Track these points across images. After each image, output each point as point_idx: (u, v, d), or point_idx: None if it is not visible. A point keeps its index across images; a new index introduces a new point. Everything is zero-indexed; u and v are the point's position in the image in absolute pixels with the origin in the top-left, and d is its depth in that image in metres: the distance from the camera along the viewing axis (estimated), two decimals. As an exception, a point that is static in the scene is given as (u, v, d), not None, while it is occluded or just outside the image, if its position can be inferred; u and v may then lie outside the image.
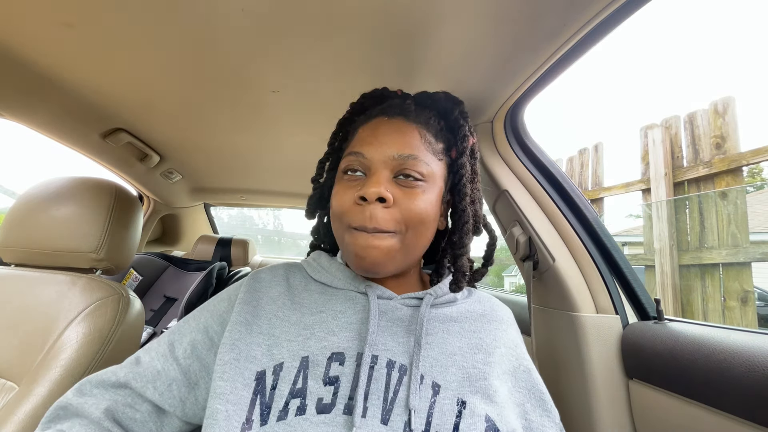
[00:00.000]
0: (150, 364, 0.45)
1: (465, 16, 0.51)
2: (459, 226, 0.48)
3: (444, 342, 0.43)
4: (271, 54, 0.66)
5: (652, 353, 0.59)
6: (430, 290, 0.47)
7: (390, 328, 0.43)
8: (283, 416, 0.36)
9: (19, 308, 0.68)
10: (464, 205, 0.48)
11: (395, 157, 0.43)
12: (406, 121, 0.47)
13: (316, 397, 0.37)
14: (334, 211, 0.45)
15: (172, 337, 0.48)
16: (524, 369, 0.45)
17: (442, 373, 0.41)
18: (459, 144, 0.49)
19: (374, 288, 0.46)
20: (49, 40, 0.65)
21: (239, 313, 0.45)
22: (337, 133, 0.55)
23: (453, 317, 0.47)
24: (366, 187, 0.42)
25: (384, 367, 0.40)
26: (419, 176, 0.44)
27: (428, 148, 0.46)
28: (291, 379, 0.38)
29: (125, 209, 0.80)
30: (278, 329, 0.43)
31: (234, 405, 0.37)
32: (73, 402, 0.44)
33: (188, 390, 0.44)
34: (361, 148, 0.45)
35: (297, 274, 0.51)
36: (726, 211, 2.12)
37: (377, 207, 0.41)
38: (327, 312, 0.44)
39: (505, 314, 0.51)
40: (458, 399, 0.39)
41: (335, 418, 0.36)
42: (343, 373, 0.39)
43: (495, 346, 0.45)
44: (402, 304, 0.46)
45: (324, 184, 0.54)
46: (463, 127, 0.50)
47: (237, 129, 1.02)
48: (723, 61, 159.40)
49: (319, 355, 0.40)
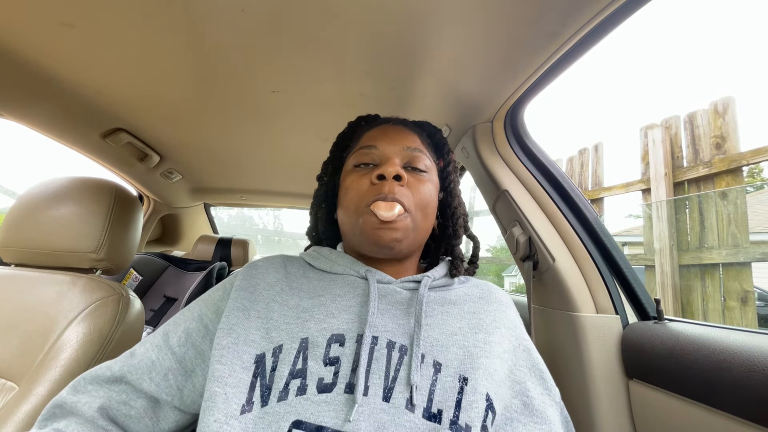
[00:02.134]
0: (144, 355, 0.45)
1: (465, 16, 0.51)
2: (453, 220, 0.54)
3: (444, 323, 0.44)
4: (271, 54, 0.66)
5: (652, 353, 0.59)
6: (428, 273, 0.49)
7: (389, 311, 0.44)
8: (283, 396, 0.37)
9: (19, 308, 0.68)
10: (455, 204, 0.55)
11: (404, 149, 0.49)
12: (407, 128, 0.54)
13: (316, 377, 0.38)
14: (351, 197, 0.48)
15: (167, 328, 0.48)
16: (524, 348, 0.46)
17: (443, 352, 0.41)
18: (446, 156, 0.57)
19: (374, 272, 0.47)
20: (49, 40, 0.65)
21: (236, 299, 0.45)
22: (338, 144, 0.59)
23: (452, 300, 0.48)
24: (384, 167, 0.46)
25: (384, 348, 0.40)
26: (425, 167, 0.50)
27: (428, 149, 0.53)
28: (291, 361, 0.39)
29: (125, 209, 0.80)
30: (276, 313, 0.43)
31: (233, 388, 0.37)
32: (68, 400, 0.43)
33: (185, 378, 0.44)
34: (374, 142, 0.50)
35: (295, 263, 0.52)
36: (726, 211, 2.12)
37: (393, 185, 0.45)
38: (326, 296, 0.45)
39: (503, 296, 0.52)
40: (460, 375, 0.39)
41: (336, 396, 0.37)
42: (343, 354, 0.39)
43: (495, 326, 0.45)
44: (401, 287, 0.47)
45: (327, 183, 0.56)
46: (446, 145, 0.58)
47: (237, 129, 1.02)
48: (723, 61, 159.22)
49: (319, 337, 0.40)
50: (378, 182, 0.46)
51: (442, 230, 0.56)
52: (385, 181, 0.45)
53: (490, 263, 6.52)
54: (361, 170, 0.49)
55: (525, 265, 0.77)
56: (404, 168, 0.48)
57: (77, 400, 0.43)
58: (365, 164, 0.49)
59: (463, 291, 0.50)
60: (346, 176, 0.50)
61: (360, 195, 0.47)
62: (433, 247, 0.58)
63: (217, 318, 0.45)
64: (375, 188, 0.46)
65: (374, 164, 0.49)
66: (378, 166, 0.48)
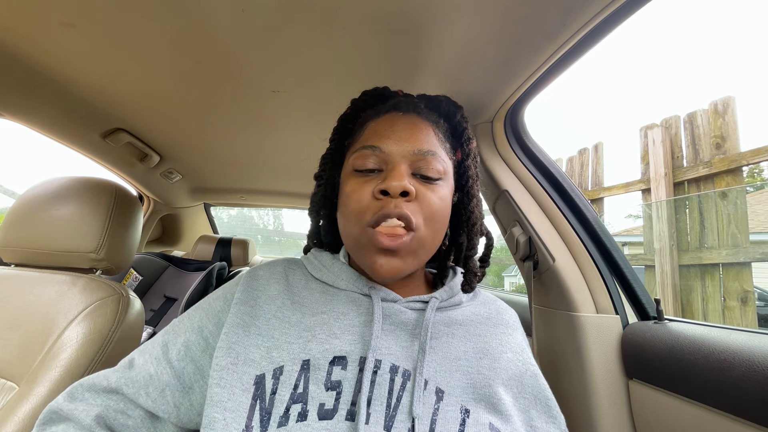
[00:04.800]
0: (143, 367, 0.44)
1: (465, 16, 0.51)
2: (468, 227, 0.48)
3: (448, 346, 0.42)
4: (271, 54, 0.66)
5: (652, 353, 0.59)
6: (436, 294, 0.46)
7: (394, 332, 0.42)
8: (284, 422, 0.35)
9: (19, 308, 0.68)
10: (472, 206, 0.48)
11: (414, 153, 0.42)
12: (420, 117, 0.46)
13: (317, 403, 0.36)
14: (351, 209, 0.42)
15: (166, 338, 0.46)
16: (531, 374, 0.44)
17: (446, 379, 0.40)
18: (464, 146, 0.49)
19: (378, 290, 0.44)
20: (49, 40, 0.65)
21: (236, 314, 0.43)
22: (339, 129, 0.52)
23: (458, 321, 0.45)
24: (389, 180, 0.40)
25: (387, 372, 0.39)
26: (437, 174, 0.43)
27: (442, 146, 0.46)
28: (292, 384, 0.37)
29: (125, 209, 0.80)
30: (278, 330, 0.41)
31: (232, 412, 0.36)
32: (64, 408, 0.43)
33: (182, 395, 0.43)
34: (378, 141, 0.43)
35: (297, 272, 0.49)
36: (726, 211, 2.12)
37: (400, 201, 0.40)
38: (329, 313, 0.43)
39: (511, 318, 0.50)
40: (462, 407, 0.38)
41: (338, 424, 0.35)
42: (345, 378, 0.38)
43: (501, 351, 0.44)
44: (407, 307, 0.44)
45: (327, 181, 0.51)
46: (466, 130, 0.50)
47: (237, 129, 1.02)
48: (723, 61, 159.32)
49: (321, 359, 0.39)
50: (382, 197, 0.40)
51: (453, 237, 0.51)
52: (389, 200, 0.40)
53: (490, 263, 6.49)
54: (363, 176, 0.43)
55: (525, 265, 0.77)
56: (414, 174, 0.42)
57: (74, 407, 0.43)
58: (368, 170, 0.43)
59: (470, 311, 0.47)
60: (346, 179, 0.45)
61: (360, 208, 0.41)
62: (443, 251, 0.54)
63: (217, 331, 0.44)
64: (377, 204, 0.40)
65: (378, 169, 0.43)
66: (382, 173, 0.42)
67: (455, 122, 0.50)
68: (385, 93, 0.53)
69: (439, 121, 0.48)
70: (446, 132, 0.48)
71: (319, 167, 0.52)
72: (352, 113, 0.52)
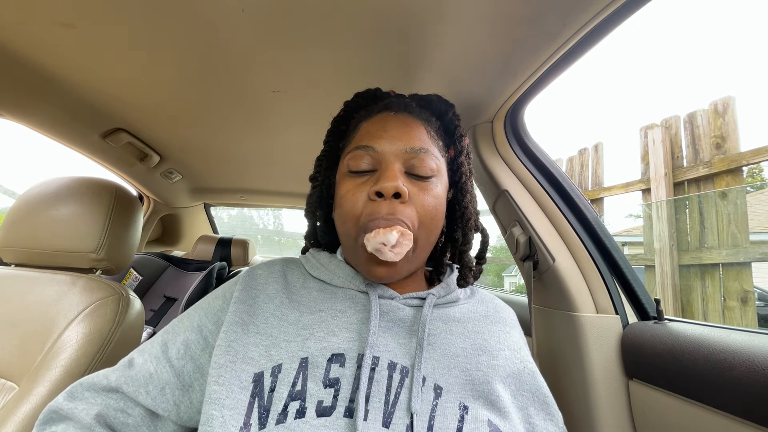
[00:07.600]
0: (143, 366, 0.44)
1: (465, 16, 0.51)
2: (463, 222, 0.49)
3: (446, 343, 0.43)
4: (271, 54, 0.66)
5: (652, 353, 0.59)
6: (433, 290, 0.47)
7: (391, 329, 0.42)
8: (282, 419, 0.35)
9: (19, 308, 0.68)
10: (466, 202, 0.49)
11: (407, 151, 0.43)
12: (411, 116, 0.47)
13: (316, 400, 0.37)
14: (346, 211, 0.43)
15: (166, 337, 0.47)
16: (529, 372, 0.44)
17: (444, 375, 0.40)
18: (457, 143, 0.50)
19: (375, 287, 0.45)
20: (49, 40, 0.65)
21: (234, 312, 0.43)
22: (333, 131, 0.53)
23: (456, 317, 0.46)
24: (382, 182, 0.41)
25: (385, 369, 0.39)
26: (430, 171, 0.44)
27: (435, 144, 0.47)
28: (290, 381, 0.37)
29: (125, 209, 0.80)
30: (276, 329, 0.42)
31: (230, 410, 0.36)
32: (64, 407, 0.43)
33: (182, 393, 0.43)
34: (371, 141, 0.44)
35: (295, 271, 0.50)
36: (726, 211, 2.12)
37: (394, 203, 0.40)
38: (326, 311, 0.43)
39: (509, 316, 0.50)
40: (460, 403, 0.38)
41: (336, 421, 0.35)
42: (343, 375, 0.38)
43: (499, 348, 0.44)
44: (404, 304, 0.45)
45: (323, 182, 0.52)
46: (458, 127, 0.51)
47: (237, 129, 1.02)
48: (723, 61, 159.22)
49: (319, 357, 0.39)
50: (376, 199, 0.41)
51: (449, 233, 0.52)
52: (383, 200, 0.41)
53: (490, 263, 6.52)
54: (357, 178, 0.44)
55: (525, 265, 0.77)
56: (407, 173, 0.43)
57: (74, 406, 0.43)
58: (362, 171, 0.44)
59: (467, 308, 0.48)
60: (341, 180, 0.46)
61: (355, 210, 0.42)
62: (439, 248, 0.55)
63: (216, 329, 0.44)
64: (372, 207, 0.41)
65: (371, 169, 0.44)
66: (376, 174, 0.43)
67: (447, 120, 0.51)
68: (377, 94, 0.54)
69: (431, 119, 0.49)
70: (438, 130, 0.49)
71: (314, 169, 0.53)
72: (345, 115, 0.53)
